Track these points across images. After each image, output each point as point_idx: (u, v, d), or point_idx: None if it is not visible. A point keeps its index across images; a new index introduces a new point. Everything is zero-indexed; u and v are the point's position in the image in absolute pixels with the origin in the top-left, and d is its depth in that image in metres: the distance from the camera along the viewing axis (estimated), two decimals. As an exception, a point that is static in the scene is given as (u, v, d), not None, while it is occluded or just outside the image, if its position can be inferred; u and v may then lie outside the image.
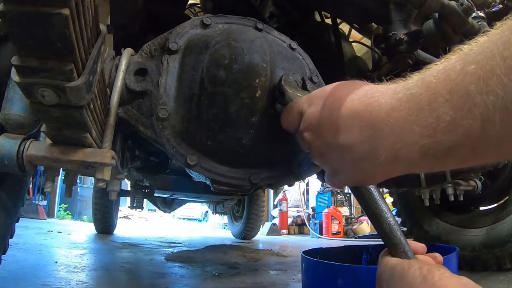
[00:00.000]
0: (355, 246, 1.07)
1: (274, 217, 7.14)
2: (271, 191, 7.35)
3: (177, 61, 0.84)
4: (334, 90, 0.44)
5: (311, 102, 0.48)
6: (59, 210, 7.65)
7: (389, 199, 2.34)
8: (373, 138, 0.36)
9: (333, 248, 1.04)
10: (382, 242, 0.52)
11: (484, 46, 0.30)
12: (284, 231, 6.37)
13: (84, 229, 4.48)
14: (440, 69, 0.31)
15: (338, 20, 1.53)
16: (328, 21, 1.54)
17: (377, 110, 0.35)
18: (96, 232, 3.85)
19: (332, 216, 5.56)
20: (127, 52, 0.84)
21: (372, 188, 0.51)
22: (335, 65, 1.40)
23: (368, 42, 1.76)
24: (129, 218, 9.69)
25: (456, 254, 0.76)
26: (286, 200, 6.83)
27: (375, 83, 0.41)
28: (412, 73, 0.35)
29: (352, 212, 6.48)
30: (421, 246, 0.48)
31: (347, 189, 6.57)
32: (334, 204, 6.13)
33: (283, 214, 6.58)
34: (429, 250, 0.74)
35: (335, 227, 5.53)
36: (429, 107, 0.31)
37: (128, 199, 3.38)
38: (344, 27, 1.71)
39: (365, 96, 0.38)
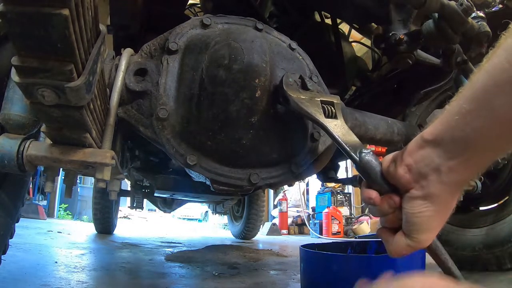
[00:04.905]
0: (342, 242, 1.30)
1: (274, 217, 7.13)
2: (271, 191, 7.34)
3: (177, 61, 0.84)
4: None
5: None
6: (59, 210, 7.64)
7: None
8: None
9: (325, 243, 1.21)
10: (370, 240, 0.56)
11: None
12: (284, 231, 6.36)
13: (84, 229, 4.47)
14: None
15: (338, 20, 1.53)
16: (328, 21, 1.54)
17: None
18: (96, 232, 3.84)
19: (332, 216, 5.55)
20: (127, 52, 0.84)
21: None
22: (335, 65, 1.40)
23: (368, 42, 1.76)
24: (129, 218, 9.67)
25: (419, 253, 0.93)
26: (286, 200, 6.82)
27: None
28: None
29: (352, 212, 6.48)
30: None
31: (347, 189, 6.61)
32: (334, 204, 6.12)
33: (283, 214, 6.57)
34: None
35: (335, 227, 5.53)
36: None
37: (128, 199, 3.38)
38: (344, 27, 1.71)
39: None
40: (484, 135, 0.42)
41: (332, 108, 0.78)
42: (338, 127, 0.73)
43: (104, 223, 3.76)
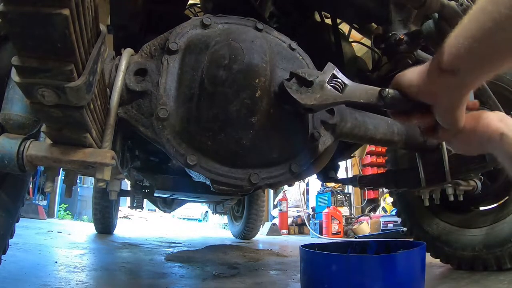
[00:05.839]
0: (342, 242, 1.32)
1: (274, 217, 7.13)
2: (271, 191, 7.35)
3: (177, 61, 0.84)
4: None
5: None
6: (59, 210, 7.64)
7: (389, 199, 2.34)
8: None
9: (325, 243, 1.21)
10: (370, 240, 0.57)
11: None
12: (284, 231, 6.37)
13: (84, 229, 4.47)
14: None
15: (338, 20, 1.53)
16: (328, 21, 1.54)
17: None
18: (96, 232, 3.84)
19: (332, 216, 5.56)
20: (127, 52, 0.84)
21: None
22: (335, 65, 1.40)
23: (368, 42, 1.76)
24: (129, 218, 9.68)
25: (421, 249, 0.94)
26: (286, 200, 6.82)
27: None
28: None
29: (352, 212, 6.49)
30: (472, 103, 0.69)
31: (347, 189, 6.61)
32: (334, 204, 6.13)
33: (283, 214, 6.58)
34: (405, 247, 0.97)
35: (335, 227, 5.53)
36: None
37: (128, 199, 3.38)
38: (344, 27, 1.71)
39: None
40: (493, 63, 0.54)
41: (338, 80, 0.78)
42: (353, 92, 0.77)
43: (104, 223, 3.76)
